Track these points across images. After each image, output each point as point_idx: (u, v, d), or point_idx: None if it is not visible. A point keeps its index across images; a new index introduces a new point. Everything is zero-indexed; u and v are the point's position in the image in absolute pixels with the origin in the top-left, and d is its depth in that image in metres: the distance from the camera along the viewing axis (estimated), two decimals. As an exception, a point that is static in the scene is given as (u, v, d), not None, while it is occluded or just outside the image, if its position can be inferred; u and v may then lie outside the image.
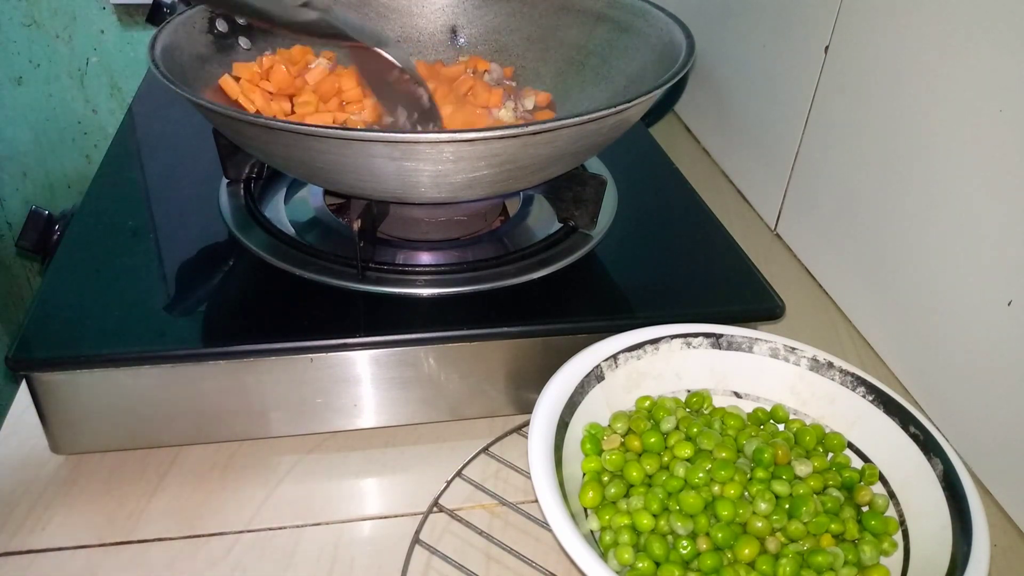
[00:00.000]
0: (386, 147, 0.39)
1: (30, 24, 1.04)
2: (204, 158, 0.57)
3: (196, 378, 0.43)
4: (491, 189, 0.44)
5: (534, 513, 0.42)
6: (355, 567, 0.41)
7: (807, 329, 0.58)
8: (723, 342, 0.45)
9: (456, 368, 0.46)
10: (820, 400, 0.44)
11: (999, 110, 0.44)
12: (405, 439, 0.48)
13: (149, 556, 0.41)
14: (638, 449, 0.41)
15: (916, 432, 0.40)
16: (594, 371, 0.43)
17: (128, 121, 0.66)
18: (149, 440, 0.45)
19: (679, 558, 0.36)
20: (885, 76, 0.53)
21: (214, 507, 0.43)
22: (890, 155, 0.53)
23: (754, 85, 0.72)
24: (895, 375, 0.54)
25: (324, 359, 0.44)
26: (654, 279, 0.51)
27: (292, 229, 0.52)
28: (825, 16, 0.60)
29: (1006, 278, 0.44)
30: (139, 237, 0.51)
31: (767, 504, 0.37)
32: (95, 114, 1.13)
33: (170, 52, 0.48)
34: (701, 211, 0.58)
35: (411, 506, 0.44)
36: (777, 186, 0.68)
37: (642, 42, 0.54)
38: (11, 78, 1.07)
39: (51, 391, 0.42)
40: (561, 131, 0.40)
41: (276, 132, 0.40)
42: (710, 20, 0.79)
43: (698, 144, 0.85)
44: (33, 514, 0.42)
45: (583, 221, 0.52)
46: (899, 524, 0.38)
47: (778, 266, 0.65)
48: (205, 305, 0.46)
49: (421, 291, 0.47)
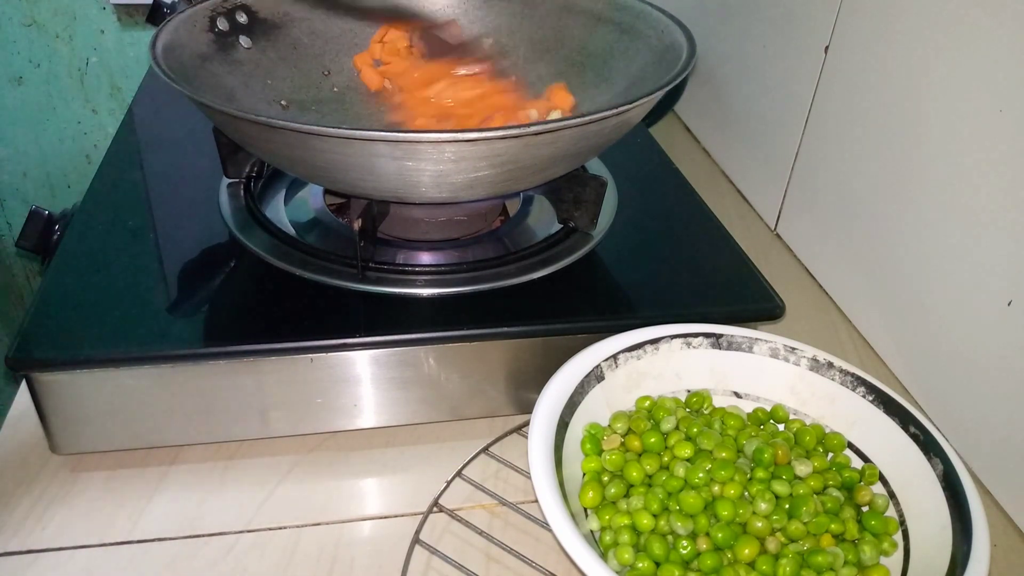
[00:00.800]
0: (387, 146, 0.39)
1: (30, 24, 1.04)
2: (204, 158, 0.57)
3: (196, 378, 0.43)
4: (492, 189, 0.44)
5: (534, 513, 0.42)
6: (355, 567, 0.41)
7: (807, 329, 0.58)
8: (723, 342, 0.45)
9: (456, 368, 0.46)
10: (820, 400, 0.44)
11: (999, 110, 0.44)
12: (405, 439, 0.48)
13: (149, 556, 0.41)
14: (638, 449, 0.41)
15: (916, 432, 0.40)
16: (594, 371, 0.43)
17: (128, 121, 0.66)
18: (149, 440, 0.45)
19: (679, 558, 0.36)
20: (885, 76, 0.53)
21: (214, 507, 0.43)
22: (890, 155, 0.53)
23: (754, 85, 0.72)
24: (895, 375, 0.54)
25: (324, 359, 0.44)
26: (654, 279, 0.51)
27: (292, 229, 0.52)
28: (825, 16, 0.60)
29: (1006, 278, 0.44)
30: (139, 237, 0.51)
31: (767, 504, 0.37)
32: (95, 114, 1.13)
33: (171, 50, 0.48)
34: (701, 211, 0.58)
35: (411, 506, 0.44)
36: (777, 186, 0.68)
37: (643, 44, 0.54)
38: (11, 78, 1.07)
39: (51, 391, 0.42)
40: (563, 132, 0.40)
41: (277, 131, 0.40)
42: (710, 20, 0.79)
43: (698, 144, 0.85)
44: (33, 514, 0.42)
45: (583, 222, 0.52)
46: (899, 524, 0.38)
47: (778, 266, 0.65)
48: (205, 305, 0.46)
49: (421, 291, 0.47)
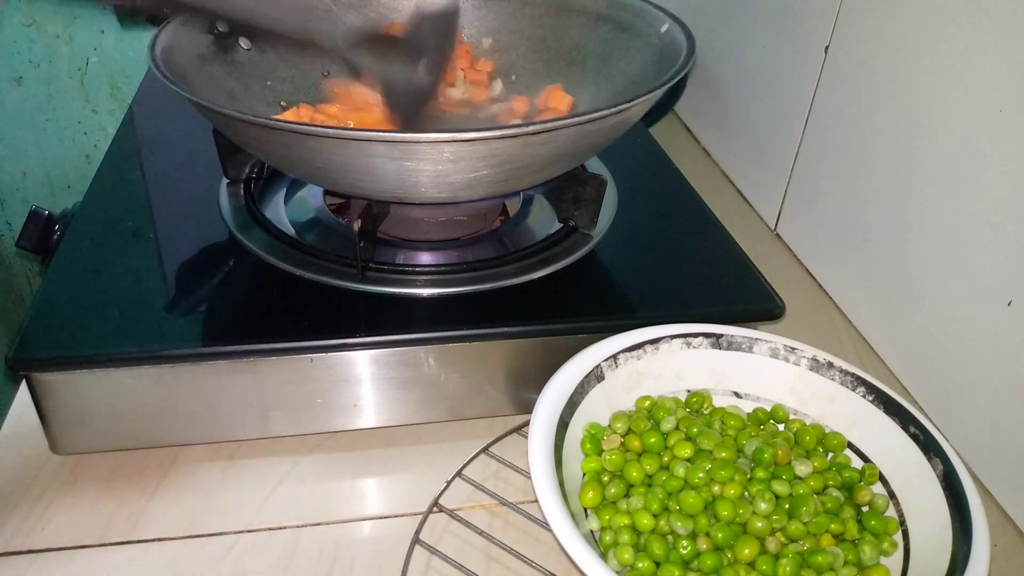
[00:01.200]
0: (386, 147, 0.39)
1: (30, 24, 1.04)
2: (204, 158, 0.57)
3: (196, 378, 0.43)
4: (491, 189, 0.44)
5: (534, 513, 0.42)
6: (355, 567, 0.41)
7: (807, 329, 0.58)
8: (723, 342, 0.45)
9: (456, 368, 0.46)
10: (820, 400, 0.44)
11: (999, 110, 0.44)
12: (405, 439, 0.48)
13: (149, 556, 0.41)
14: (638, 449, 0.41)
15: (916, 432, 0.40)
16: (594, 371, 0.43)
17: (128, 121, 0.66)
18: (149, 440, 0.45)
19: (679, 558, 0.36)
20: (885, 76, 0.53)
21: (214, 507, 0.43)
22: (890, 155, 0.53)
23: (754, 85, 0.72)
24: (895, 375, 0.54)
25: (324, 359, 0.44)
26: (654, 279, 0.51)
27: (292, 229, 0.52)
28: (825, 16, 0.60)
29: (1006, 278, 0.44)
30: (139, 237, 0.51)
31: (767, 504, 0.37)
32: (95, 114, 1.12)
33: (170, 52, 0.48)
34: (701, 211, 0.58)
35: (411, 506, 0.44)
36: (777, 186, 0.68)
37: (642, 42, 0.54)
38: (11, 78, 1.07)
39: (51, 391, 0.42)
40: (561, 131, 0.40)
41: (276, 132, 0.40)
42: (710, 20, 0.79)
43: (698, 144, 0.85)
44: (33, 514, 0.42)
45: (583, 221, 0.52)
46: (899, 524, 0.38)
47: (778, 266, 0.65)
48: (205, 305, 0.46)
49: (421, 291, 0.47)
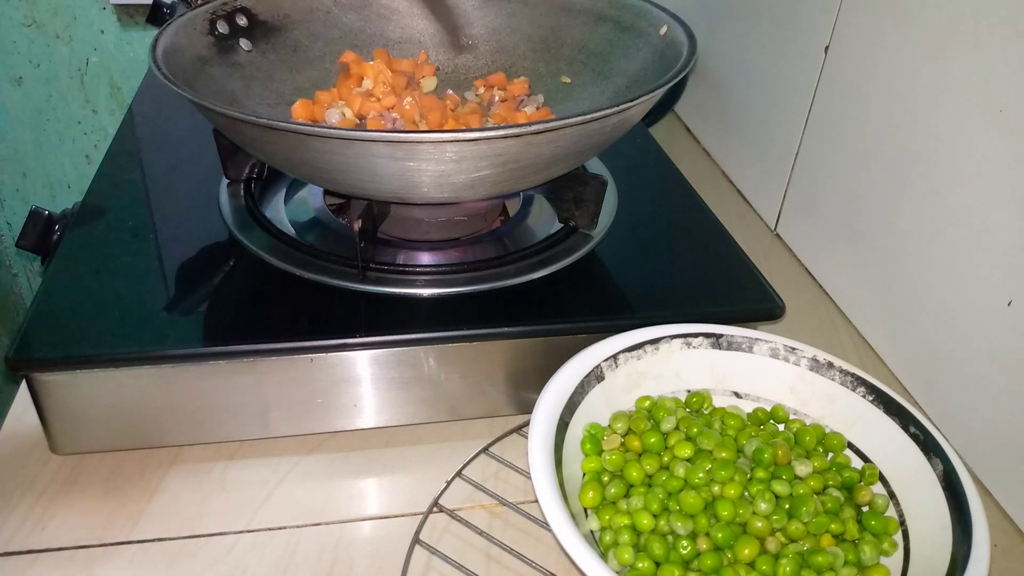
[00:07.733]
0: (388, 147, 0.39)
1: (30, 24, 1.04)
2: (204, 158, 0.57)
3: (196, 378, 0.43)
4: (493, 189, 0.44)
5: (534, 513, 0.42)
6: (355, 567, 0.41)
7: (807, 329, 0.58)
8: (723, 342, 0.45)
9: (456, 368, 0.46)
10: (820, 400, 0.44)
11: (999, 110, 0.44)
12: (405, 439, 0.48)
13: (149, 556, 0.41)
14: (638, 449, 0.41)
15: (916, 432, 0.40)
16: (594, 371, 0.43)
17: (128, 121, 0.66)
18: (149, 440, 0.45)
19: (679, 558, 0.36)
20: (885, 76, 0.53)
21: (214, 507, 0.43)
22: (890, 155, 0.53)
23: (754, 85, 0.72)
24: (895, 375, 0.54)
25: (324, 359, 0.44)
26: (654, 279, 0.51)
27: (292, 229, 0.52)
28: (825, 16, 0.60)
29: (1006, 278, 0.44)
30: (139, 237, 0.51)
31: (767, 504, 0.37)
32: (95, 114, 1.13)
33: (171, 54, 0.48)
34: (701, 211, 0.58)
35: (411, 506, 0.44)
36: (777, 186, 0.68)
37: (643, 42, 0.54)
38: (11, 78, 1.07)
39: (51, 391, 0.42)
40: (563, 131, 0.40)
41: (277, 132, 0.40)
42: (710, 20, 0.79)
43: (698, 144, 0.85)
44: (33, 514, 0.42)
45: (583, 221, 0.52)
46: (899, 524, 0.38)
47: (778, 266, 0.65)
48: (205, 305, 0.46)
49: (421, 291, 0.47)
